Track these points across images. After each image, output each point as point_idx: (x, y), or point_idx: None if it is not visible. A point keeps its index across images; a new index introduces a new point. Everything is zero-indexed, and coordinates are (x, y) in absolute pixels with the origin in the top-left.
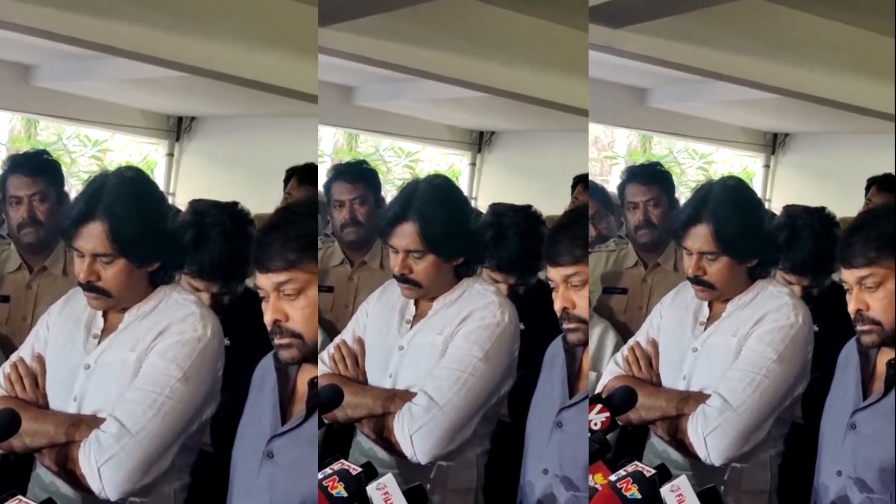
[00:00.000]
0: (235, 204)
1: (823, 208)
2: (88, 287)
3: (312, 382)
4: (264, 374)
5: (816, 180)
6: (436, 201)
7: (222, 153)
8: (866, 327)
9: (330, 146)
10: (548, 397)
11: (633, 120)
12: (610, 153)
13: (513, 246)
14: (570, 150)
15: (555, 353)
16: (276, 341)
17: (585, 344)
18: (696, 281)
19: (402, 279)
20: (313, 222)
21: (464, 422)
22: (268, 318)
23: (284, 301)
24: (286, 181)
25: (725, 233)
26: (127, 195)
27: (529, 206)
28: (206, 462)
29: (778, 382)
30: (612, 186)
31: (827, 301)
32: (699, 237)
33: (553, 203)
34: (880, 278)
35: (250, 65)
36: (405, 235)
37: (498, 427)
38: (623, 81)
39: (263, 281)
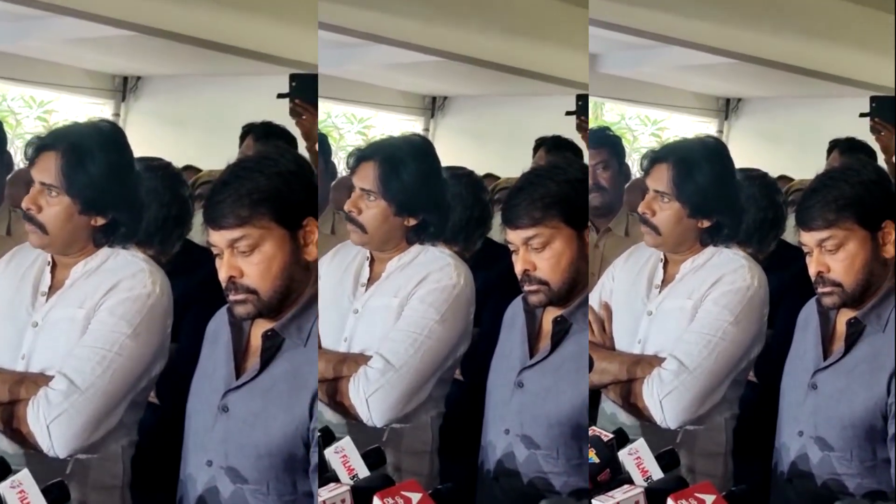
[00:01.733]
0: (168, 164)
1: (765, 174)
2: (27, 216)
3: (266, 335)
4: (217, 328)
5: (770, 145)
6: (406, 153)
7: (169, 113)
8: (827, 289)
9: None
10: (508, 357)
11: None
12: None
13: (456, 215)
14: (523, 115)
15: (514, 314)
16: (231, 297)
17: (546, 305)
18: (643, 219)
19: (348, 217)
20: (265, 178)
21: (420, 384)
22: (222, 275)
23: (238, 257)
24: (241, 138)
25: (682, 177)
26: (92, 138)
27: (471, 173)
28: (153, 417)
29: (734, 345)
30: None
31: (773, 260)
32: (658, 175)
33: (506, 166)
34: (840, 240)
35: (196, 22)
36: (365, 174)
37: (452, 389)
38: (570, 45)
39: (216, 238)
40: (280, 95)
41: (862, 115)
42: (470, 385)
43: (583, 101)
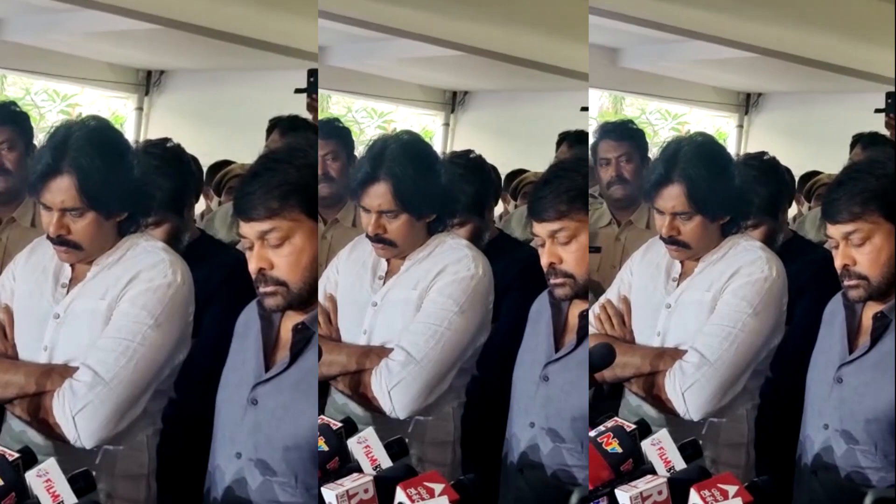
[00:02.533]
0: (165, 141)
1: (762, 155)
2: (59, 241)
3: (296, 329)
4: (247, 321)
5: (790, 140)
6: (406, 159)
7: (192, 107)
8: (853, 282)
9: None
10: (533, 351)
11: (605, 80)
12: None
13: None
14: (544, 110)
15: (540, 308)
16: (261, 289)
17: (572, 298)
18: (671, 241)
19: (377, 239)
20: (295, 170)
21: (441, 376)
22: (252, 267)
23: (268, 249)
24: (268, 132)
25: (698, 192)
26: (92, 146)
27: (468, 152)
28: (170, 409)
29: (754, 336)
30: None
31: (790, 255)
32: (672, 197)
33: (527, 161)
34: (866, 233)
35: (220, 17)
36: (378, 195)
37: (472, 380)
38: (594, 41)
39: (247, 229)
40: (298, 90)
41: (877, 111)
42: (485, 378)
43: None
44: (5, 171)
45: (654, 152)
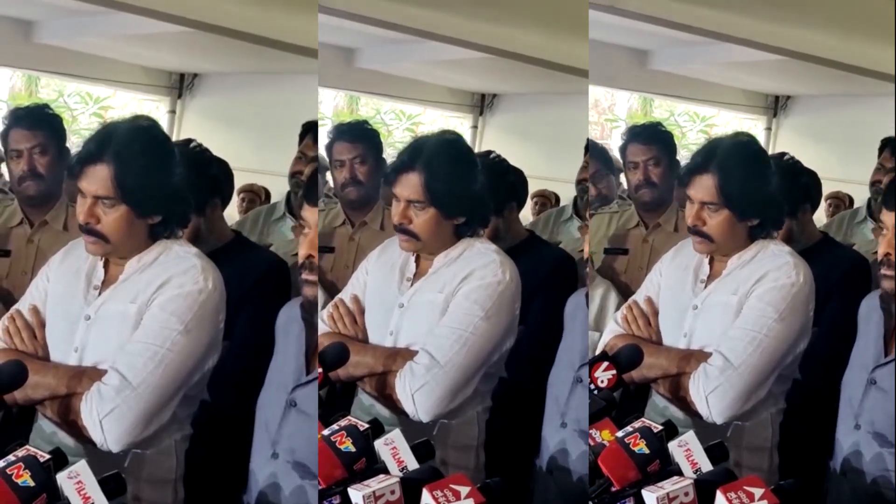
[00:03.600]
0: (187, 142)
1: (781, 155)
2: (86, 229)
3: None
4: (288, 322)
5: (818, 143)
6: (444, 155)
7: (225, 110)
8: (891, 272)
9: (330, 109)
10: (570, 352)
11: (634, 82)
12: (610, 116)
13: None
14: (572, 113)
15: (575, 310)
16: (304, 276)
17: None
18: (695, 231)
19: (401, 229)
20: None
21: (465, 380)
22: (302, 252)
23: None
24: (301, 136)
25: (730, 186)
26: (137, 142)
27: (487, 153)
28: (202, 412)
29: (779, 341)
30: (613, 149)
31: (819, 258)
32: (703, 187)
33: (553, 166)
34: None
35: (253, 20)
36: (409, 185)
37: (499, 382)
38: (624, 43)
39: (309, 215)
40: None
41: None
42: (513, 381)
43: None
44: (38, 175)
45: (682, 154)
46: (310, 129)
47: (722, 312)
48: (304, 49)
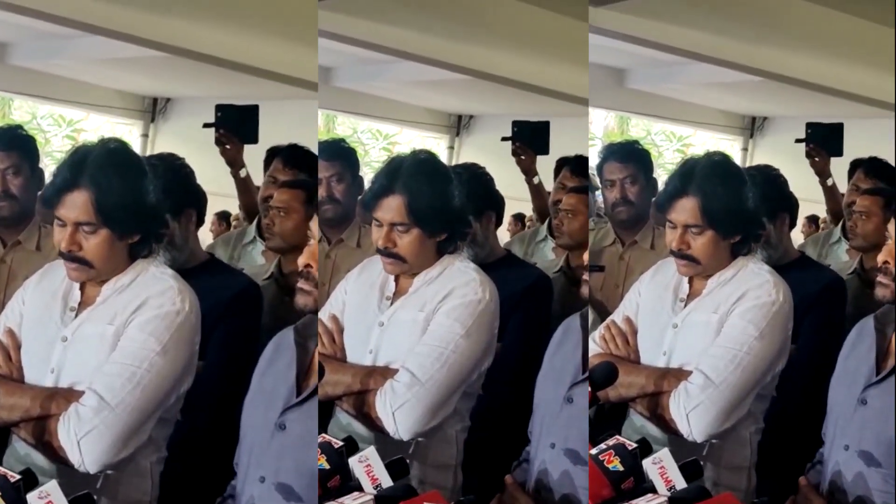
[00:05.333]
0: (168, 156)
1: (768, 166)
2: (69, 257)
3: None
4: (279, 347)
5: (794, 164)
6: (422, 175)
7: (197, 135)
8: (885, 280)
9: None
10: (559, 371)
11: (610, 101)
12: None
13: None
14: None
15: (567, 331)
16: (300, 284)
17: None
18: (680, 255)
19: (386, 253)
20: None
21: (445, 398)
22: (301, 261)
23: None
24: (266, 161)
25: (712, 207)
26: (111, 166)
27: (470, 166)
28: (176, 434)
29: (759, 359)
30: (590, 167)
31: (796, 276)
32: (685, 210)
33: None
34: None
35: (227, 45)
36: (391, 208)
37: (477, 403)
38: (601, 62)
39: (316, 226)
40: (206, 125)
41: (797, 140)
42: (488, 398)
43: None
44: (11, 196)
45: (658, 173)
46: (276, 154)
47: (702, 331)
48: (276, 75)
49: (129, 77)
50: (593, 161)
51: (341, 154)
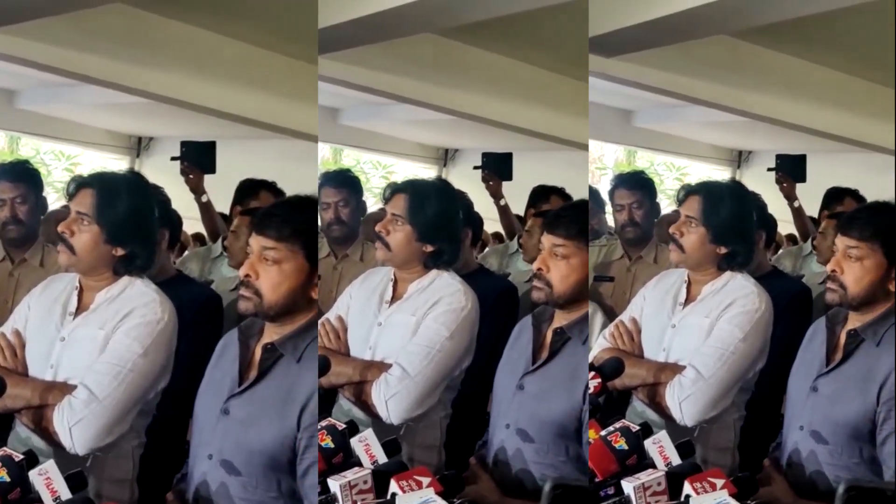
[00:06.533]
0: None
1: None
2: (61, 238)
3: (265, 348)
4: (227, 344)
5: (776, 192)
6: (432, 187)
7: (173, 168)
8: (833, 286)
9: (319, 159)
10: (514, 363)
11: (621, 137)
12: (600, 165)
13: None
14: (524, 166)
15: (521, 329)
16: (241, 292)
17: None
18: (672, 238)
19: (378, 236)
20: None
21: (431, 390)
22: (242, 271)
23: (262, 263)
24: (240, 191)
25: (711, 207)
26: (122, 183)
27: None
28: (154, 423)
29: (743, 358)
30: (602, 192)
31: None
32: (691, 205)
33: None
34: (863, 254)
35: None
36: (397, 202)
37: (458, 395)
38: (613, 104)
39: (254, 242)
40: (173, 158)
41: (769, 169)
42: (465, 393)
43: None
44: (18, 220)
45: (660, 198)
46: (247, 187)
47: (696, 332)
48: (247, 119)
49: (118, 119)
50: (604, 188)
51: (348, 182)
